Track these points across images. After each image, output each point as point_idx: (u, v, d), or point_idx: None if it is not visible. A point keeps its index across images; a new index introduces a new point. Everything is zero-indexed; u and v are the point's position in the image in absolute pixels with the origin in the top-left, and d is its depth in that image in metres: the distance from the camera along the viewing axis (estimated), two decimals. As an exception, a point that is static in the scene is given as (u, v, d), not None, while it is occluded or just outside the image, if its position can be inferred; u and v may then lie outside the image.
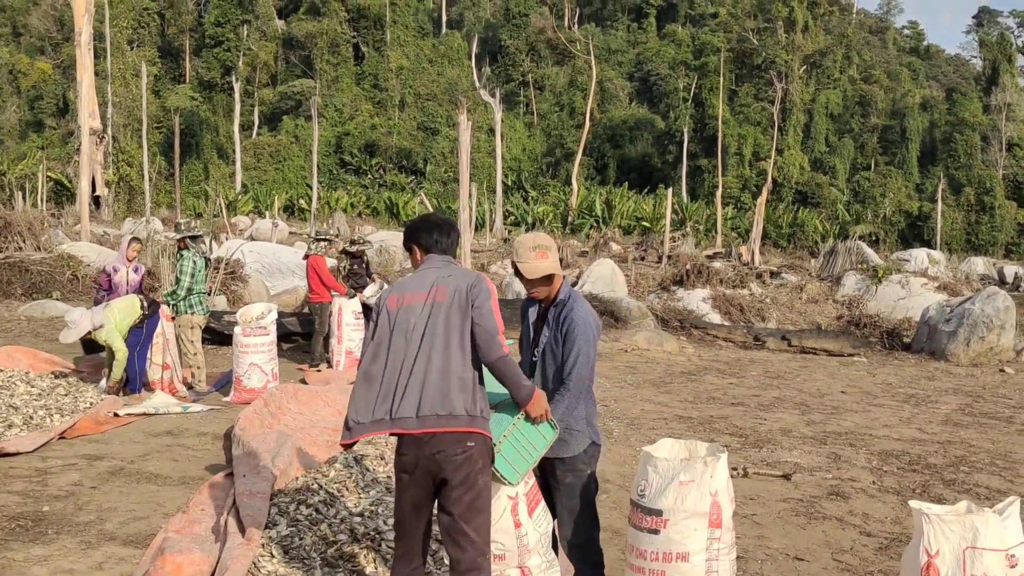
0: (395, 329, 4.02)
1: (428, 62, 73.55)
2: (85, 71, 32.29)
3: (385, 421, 3.92)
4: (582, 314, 4.33)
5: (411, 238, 4.37)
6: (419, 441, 3.88)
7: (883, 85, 71.70)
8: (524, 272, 4.34)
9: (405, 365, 3.95)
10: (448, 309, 4.00)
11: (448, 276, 4.12)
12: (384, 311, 4.09)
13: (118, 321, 9.74)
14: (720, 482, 3.91)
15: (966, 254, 41.25)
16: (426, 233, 4.33)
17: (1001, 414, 11.36)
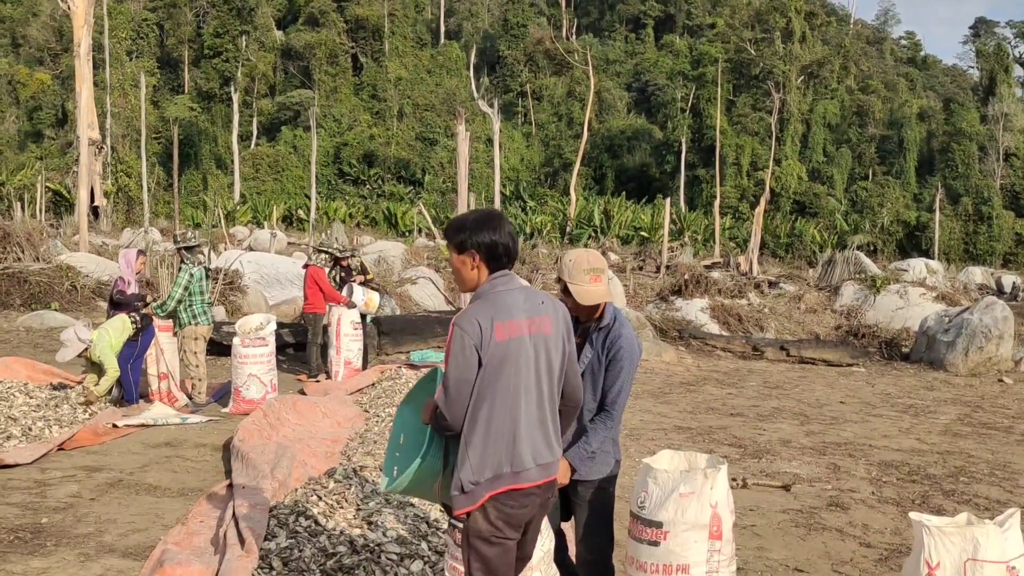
0: (505, 366, 3.41)
1: (426, 72, 73.72)
2: (84, 82, 32.35)
3: (507, 476, 3.43)
4: (629, 340, 4.18)
5: (481, 245, 3.53)
6: (538, 490, 3.51)
7: (880, 95, 71.82)
8: (576, 296, 4.09)
9: (521, 408, 3.45)
10: (556, 342, 3.55)
11: (541, 303, 3.58)
12: (491, 344, 3.39)
13: (112, 340, 9.72)
14: (720, 494, 3.91)
15: (964, 264, 41.24)
16: (506, 242, 3.57)
17: (1000, 424, 11.36)
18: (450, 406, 3.39)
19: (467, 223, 3.55)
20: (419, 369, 12.51)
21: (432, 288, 21.75)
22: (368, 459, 7.19)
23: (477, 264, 3.52)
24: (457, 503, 3.44)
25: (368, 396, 10.86)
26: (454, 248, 3.57)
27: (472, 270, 3.53)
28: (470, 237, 3.51)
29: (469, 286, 3.59)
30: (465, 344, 3.37)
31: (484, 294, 3.50)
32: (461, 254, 3.54)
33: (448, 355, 3.39)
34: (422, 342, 14.80)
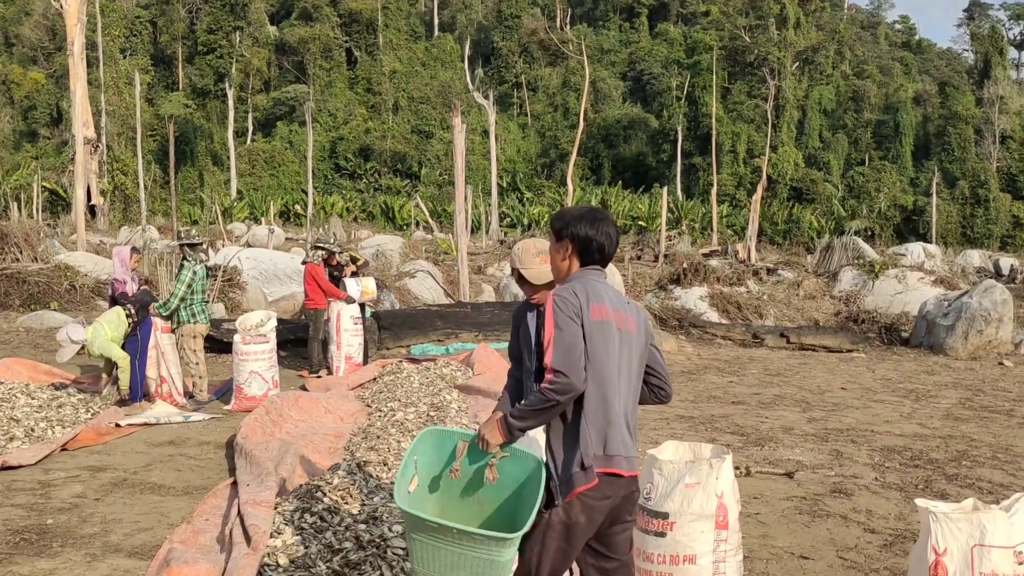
0: (598, 346, 3.41)
1: (421, 65, 73.62)
2: (78, 80, 32.29)
3: (601, 458, 3.40)
4: None
5: (576, 237, 3.54)
6: (625, 483, 3.45)
7: (876, 80, 71.79)
8: (530, 278, 4.15)
9: (612, 393, 3.44)
10: (638, 342, 3.55)
11: (627, 303, 3.60)
12: (588, 320, 3.40)
13: (110, 333, 9.74)
14: (726, 484, 3.91)
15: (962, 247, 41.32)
16: (602, 241, 3.56)
17: (1001, 407, 11.38)
18: (572, 367, 3.30)
19: (569, 214, 3.61)
20: (420, 363, 12.51)
21: (431, 281, 21.76)
22: (371, 454, 7.20)
23: (569, 255, 3.56)
24: (577, 480, 3.35)
25: (370, 391, 10.86)
26: (553, 234, 3.62)
27: (563, 260, 3.58)
28: (567, 227, 3.55)
29: (558, 275, 3.64)
30: (569, 312, 3.37)
31: (575, 278, 3.53)
32: (558, 242, 3.60)
33: (553, 324, 3.36)
34: (422, 336, 14.80)
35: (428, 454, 3.62)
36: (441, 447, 3.63)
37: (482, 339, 14.45)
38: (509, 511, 3.51)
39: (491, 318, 15.65)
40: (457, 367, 12.01)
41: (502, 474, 3.50)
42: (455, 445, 3.58)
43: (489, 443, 3.45)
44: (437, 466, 3.63)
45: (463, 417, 8.88)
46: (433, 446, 3.63)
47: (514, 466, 3.51)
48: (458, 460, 3.54)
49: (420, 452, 3.62)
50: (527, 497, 3.43)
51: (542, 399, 3.33)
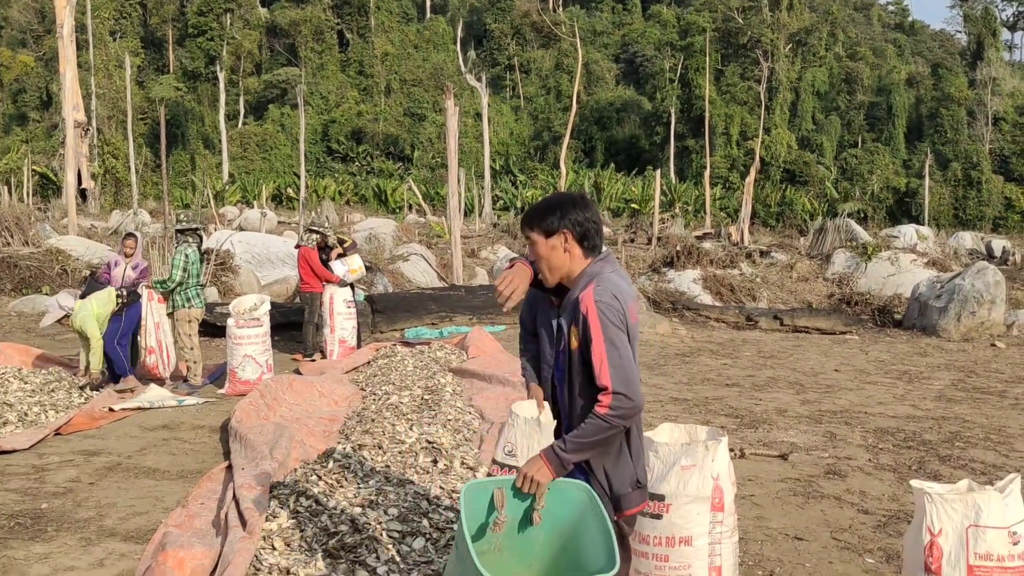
0: (634, 353, 3.23)
1: (413, 47, 73.33)
2: (68, 63, 32.08)
3: (643, 472, 3.34)
4: None
5: (575, 223, 3.29)
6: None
7: (869, 62, 71.72)
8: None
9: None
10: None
11: (635, 295, 3.40)
12: (629, 325, 3.21)
13: (95, 309, 9.73)
14: (721, 466, 3.92)
15: (954, 229, 41.40)
16: (597, 220, 3.35)
17: (994, 388, 11.42)
18: (632, 385, 3.10)
19: (553, 204, 3.31)
20: (414, 346, 12.52)
21: (424, 264, 21.74)
22: (366, 437, 7.20)
23: (568, 245, 3.26)
24: (631, 501, 3.28)
25: (364, 374, 10.86)
26: (541, 232, 3.28)
27: (564, 253, 3.26)
28: (562, 217, 3.25)
29: (560, 274, 3.30)
30: (617, 321, 3.13)
31: (596, 276, 3.24)
32: (550, 238, 3.26)
33: (604, 339, 3.11)
34: (416, 319, 14.79)
35: (471, 509, 3.15)
36: (479, 501, 3.19)
37: (476, 322, 14.46)
38: (563, 546, 3.18)
39: (485, 301, 15.64)
40: (451, 350, 12.02)
41: (544, 512, 3.16)
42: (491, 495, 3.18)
43: (540, 483, 3.10)
44: (480, 521, 3.20)
45: (458, 400, 8.88)
46: (474, 501, 3.17)
47: (553, 499, 3.16)
48: (500, 511, 3.14)
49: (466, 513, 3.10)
50: (585, 530, 3.11)
51: (605, 426, 3.09)
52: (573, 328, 3.19)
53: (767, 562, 5.34)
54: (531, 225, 3.31)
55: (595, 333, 3.11)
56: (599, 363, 3.10)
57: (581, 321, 3.16)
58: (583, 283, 3.23)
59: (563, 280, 3.31)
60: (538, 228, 3.28)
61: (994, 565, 3.39)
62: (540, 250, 3.28)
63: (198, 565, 4.72)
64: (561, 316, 3.29)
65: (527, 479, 3.09)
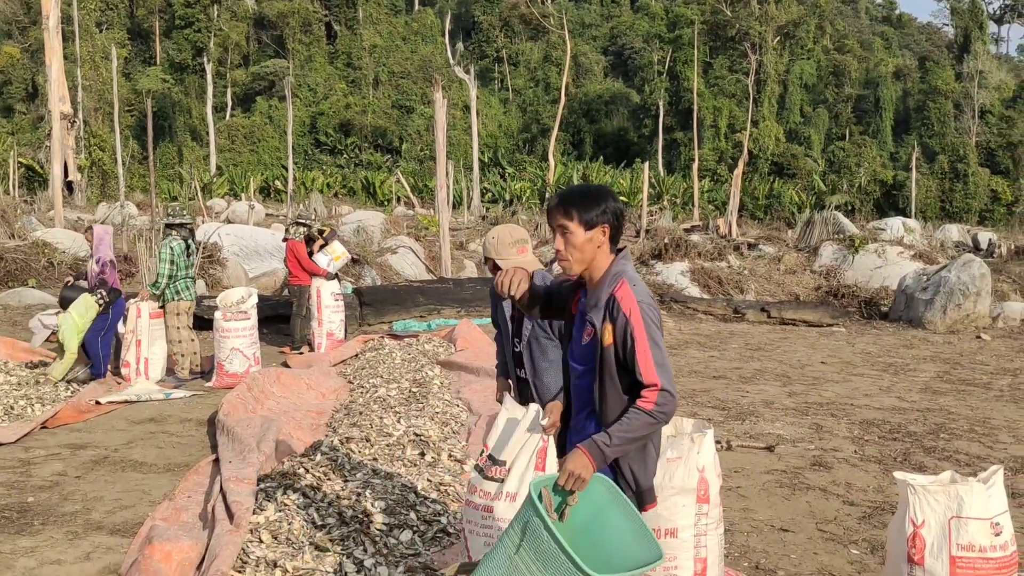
0: None
1: (401, 40, 73.15)
2: (54, 55, 31.91)
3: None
4: None
5: (616, 215, 3.26)
6: None
7: (856, 55, 71.90)
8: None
9: None
10: None
11: None
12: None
13: (77, 321, 9.64)
14: (707, 458, 3.93)
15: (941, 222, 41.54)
16: (624, 220, 3.32)
17: (979, 380, 11.48)
18: (672, 382, 3.15)
19: (596, 195, 3.24)
20: (402, 339, 12.51)
21: (412, 257, 21.72)
22: (354, 431, 7.20)
23: (603, 240, 3.23)
24: (652, 496, 3.36)
25: (352, 367, 10.86)
26: (581, 223, 3.20)
27: (597, 247, 3.22)
28: (604, 211, 3.20)
29: (586, 266, 3.27)
30: (657, 320, 3.18)
31: (624, 273, 3.24)
32: (590, 230, 3.20)
33: (647, 338, 3.13)
34: (404, 312, 14.79)
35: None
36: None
37: (464, 315, 14.46)
38: (592, 541, 3.12)
39: (473, 294, 15.65)
40: (439, 343, 12.02)
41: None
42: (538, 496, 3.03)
43: (584, 479, 3.07)
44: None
45: (445, 393, 8.89)
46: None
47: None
48: (550, 510, 3.03)
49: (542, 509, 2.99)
50: (606, 522, 3.10)
51: (651, 421, 3.12)
52: (608, 325, 3.18)
53: (753, 553, 5.36)
54: (570, 214, 3.21)
55: (639, 334, 3.12)
56: (645, 362, 3.11)
57: (621, 320, 3.15)
58: (614, 280, 3.22)
59: (584, 273, 3.30)
60: (579, 218, 3.20)
61: (976, 556, 3.42)
62: (576, 240, 3.21)
63: (185, 558, 4.72)
64: (589, 311, 3.26)
65: (571, 475, 3.06)
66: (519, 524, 2.98)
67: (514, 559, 2.98)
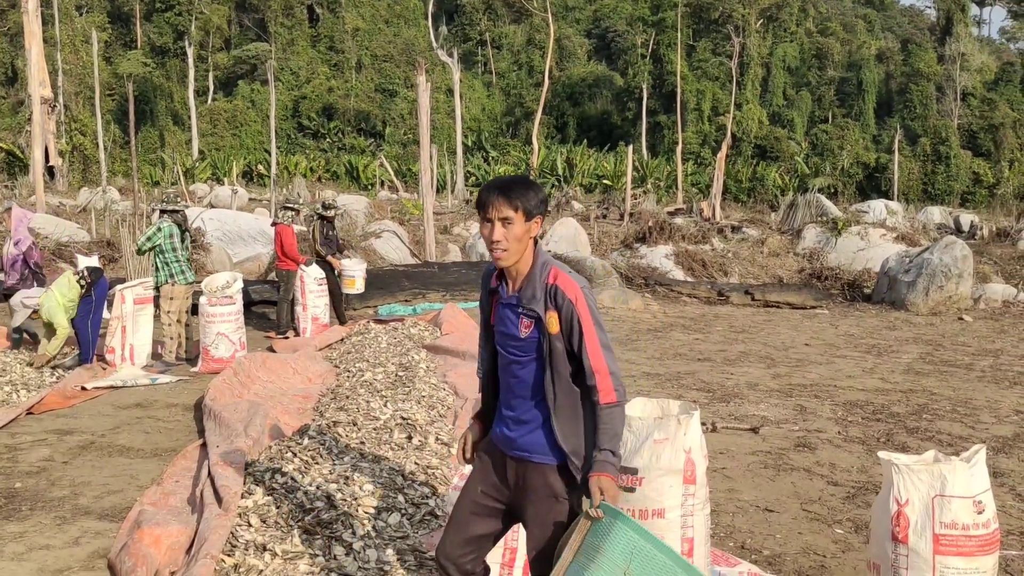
0: None
1: (384, 23, 72.72)
2: (33, 38, 31.62)
3: None
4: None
5: (545, 204, 3.27)
6: None
7: (839, 37, 71.98)
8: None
9: None
10: None
11: None
12: None
13: (59, 299, 9.64)
14: (693, 439, 3.97)
15: (923, 204, 41.71)
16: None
17: (961, 362, 11.58)
18: (618, 366, 3.23)
19: (533, 185, 3.21)
20: (387, 323, 12.52)
21: (397, 241, 21.69)
22: (341, 414, 7.21)
23: (536, 231, 3.22)
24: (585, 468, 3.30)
25: (338, 352, 10.87)
26: (523, 213, 3.16)
27: (531, 237, 3.21)
28: (542, 202, 3.19)
29: (516, 258, 3.23)
30: (596, 305, 3.24)
31: (549, 262, 3.27)
32: (529, 220, 3.18)
33: (590, 322, 3.17)
34: (389, 296, 14.79)
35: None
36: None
37: (449, 299, 14.48)
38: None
39: (458, 277, 15.66)
40: (424, 327, 12.03)
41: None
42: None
43: (614, 495, 3.12)
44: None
45: (431, 377, 8.91)
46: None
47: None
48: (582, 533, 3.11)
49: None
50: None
51: (620, 411, 3.20)
52: (552, 313, 3.18)
53: (738, 533, 5.42)
54: (515, 204, 3.16)
55: (585, 322, 3.16)
56: (592, 346, 3.15)
57: (567, 307, 3.16)
58: (544, 269, 3.23)
59: (512, 266, 3.26)
60: (522, 208, 3.16)
61: (959, 534, 3.47)
62: (517, 231, 3.16)
63: (174, 542, 4.73)
64: (526, 303, 3.23)
65: (615, 500, 3.10)
66: (621, 552, 3.00)
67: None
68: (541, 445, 3.25)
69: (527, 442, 3.27)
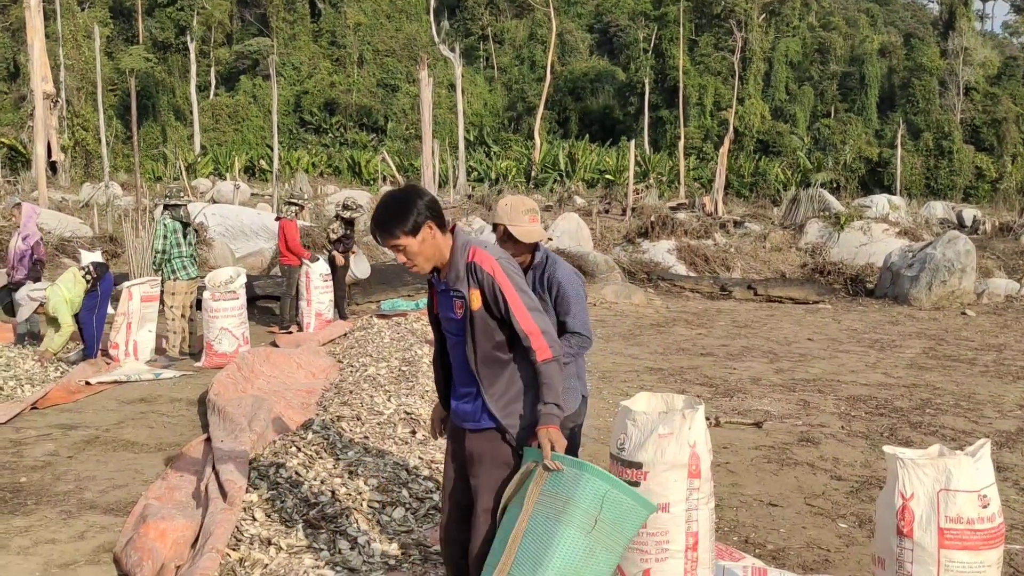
0: None
1: (386, 17, 72.59)
2: (36, 34, 31.57)
3: None
4: (565, 270, 4.36)
5: (431, 210, 3.42)
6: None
7: (842, 32, 71.80)
8: (520, 237, 4.17)
9: None
10: None
11: None
12: None
13: (65, 294, 9.66)
14: (698, 434, 3.96)
15: (926, 199, 41.62)
16: (438, 202, 3.58)
17: (964, 356, 11.58)
18: (549, 323, 3.46)
19: (403, 203, 3.37)
20: (390, 318, 12.53)
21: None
22: (344, 409, 7.23)
23: (434, 232, 3.37)
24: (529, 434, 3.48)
25: (341, 346, 10.89)
26: (408, 235, 3.34)
27: (433, 241, 3.38)
28: (418, 212, 3.33)
29: (435, 261, 3.44)
30: (518, 272, 3.45)
31: (471, 241, 3.47)
32: (418, 234, 3.35)
33: (511, 289, 3.37)
34: (392, 291, 14.79)
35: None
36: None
37: (452, 294, 14.44)
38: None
39: (460, 273, 15.62)
40: (427, 322, 12.03)
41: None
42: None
43: (563, 442, 3.40)
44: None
45: (435, 371, 8.90)
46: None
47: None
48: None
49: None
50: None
51: (558, 366, 3.42)
52: (474, 290, 3.39)
53: (742, 528, 5.42)
54: (393, 232, 3.34)
55: (507, 290, 3.36)
56: (519, 311, 3.36)
57: (487, 280, 3.38)
58: (464, 250, 3.43)
59: (437, 264, 3.47)
60: (402, 232, 3.34)
61: (964, 528, 3.47)
62: (413, 248, 3.36)
63: (180, 536, 4.74)
64: (453, 286, 3.44)
65: (555, 444, 3.35)
66: (591, 500, 3.26)
67: (593, 535, 3.24)
68: (480, 413, 3.49)
69: (469, 411, 3.53)
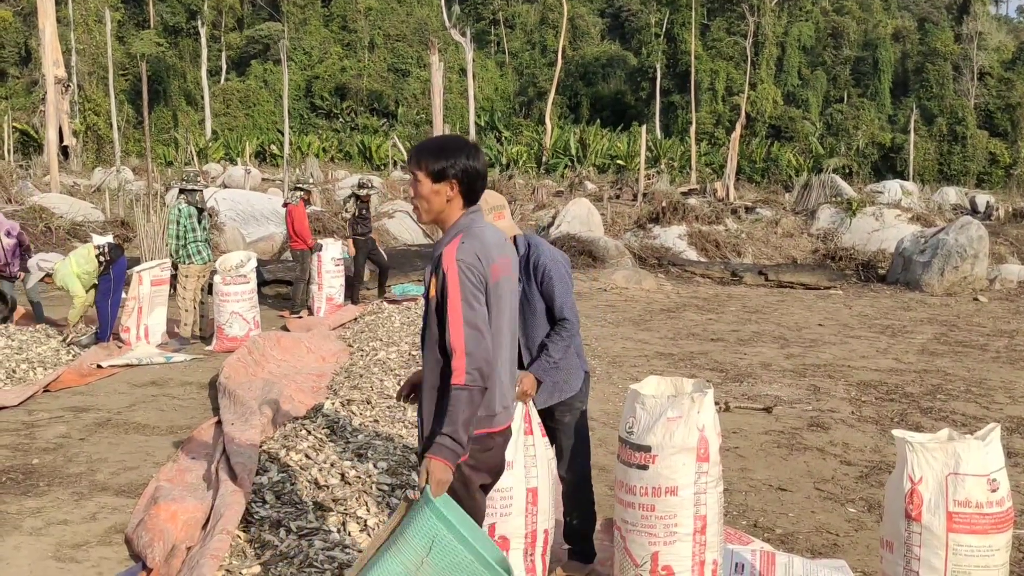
0: (495, 307, 3.17)
1: (397, 2, 72.52)
2: (47, 18, 31.64)
3: (482, 419, 3.17)
4: (550, 255, 4.39)
5: (465, 174, 3.21)
6: (503, 434, 3.34)
7: (855, 16, 71.39)
8: None
9: (503, 350, 3.25)
10: (515, 283, 3.39)
11: (506, 241, 3.37)
12: (488, 284, 3.13)
13: (74, 268, 9.73)
14: (707, 417, 3.97)
15: (938, 184, 41.44)
16: (485, 173, 3.32)
17: (975, 342, 11.54)
18: (481, 347, 3.02)
19: (447, 149, 3.19)
20: (400, 303, 12.54)
21: (410, 222, 21.71)
22: (355, 393, 7.25)
23: (452, 194, 3.19)
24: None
25: (351, 331, 10.91)
26: (429, 176, 3.17)
27: (446, 201, 3.20)
28: (453, 165, 3.15)
29: (432, 217, 3.26)
30: (475, 282, 3.06)
31: (466, 229, 3.18)
32: (438, 183, 3.17)
33: (457, 296, 3.04)
34: (402, 275, 14.82)
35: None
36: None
37: (462, 278, 14.46)
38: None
39: (471, 257, 15.64)
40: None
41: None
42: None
43: (449, 480, 2.96)
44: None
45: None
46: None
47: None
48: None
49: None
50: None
51: (468, 396, 2.99)
52: (433, 278, 3.14)
53: (751, 512, 5.43)
54: (419, 164, 3.20)
55: (452, 296, 3.05)
56: (454, 321, 3.04)
57: (441, 275, 3.10)
58: (450, 236, 3.18)
59: (435, 221, 3.29)
60: (426, 170, 3.18)
61: (972, 511, 3.47)
62: (423, 191, 3.20)
63: (191, 518, 4.77)
64: (433, 259, 3.22)
65: (439, 484, 2.93)
66: (421, 539, 2.86)
67: (418, 573, 2.86)
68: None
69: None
